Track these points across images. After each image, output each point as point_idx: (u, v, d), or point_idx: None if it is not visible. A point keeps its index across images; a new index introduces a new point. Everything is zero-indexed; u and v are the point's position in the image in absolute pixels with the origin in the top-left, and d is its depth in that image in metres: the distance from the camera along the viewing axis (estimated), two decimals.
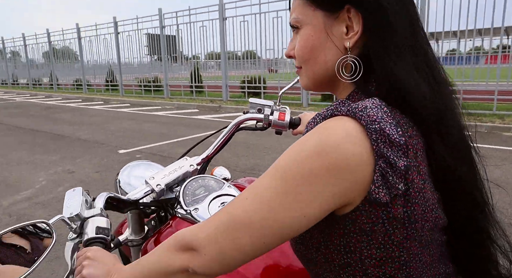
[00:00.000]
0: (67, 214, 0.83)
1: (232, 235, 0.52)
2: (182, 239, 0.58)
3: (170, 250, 0.60)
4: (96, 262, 0.72)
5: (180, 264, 0.58)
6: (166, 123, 8.55)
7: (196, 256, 0.56)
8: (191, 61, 12.89)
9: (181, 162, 1.19)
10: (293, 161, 0.50)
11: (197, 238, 0.56)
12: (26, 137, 7.30)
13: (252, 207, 0.51)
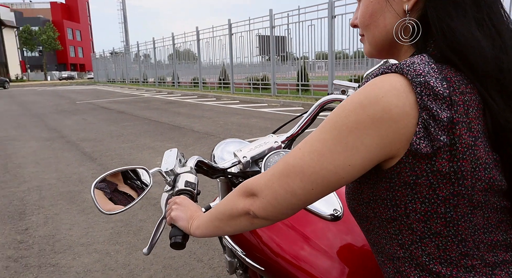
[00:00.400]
0: (163, 168, 1.00)
1: (285, 180, 0.60)
2: (246, 185, 0.68)
3: (236, 195, 0.70)
4: (182, 207, 0.87)
5: (242, 207, 0.67)
6: (271, 119, 8.86)
7: (256, 199, 0.65)
8: (299, 61, 13.04)
9: (267, 138, 1.30)
10: (341, 114, 0.56)
11: (257, 184, 0.65)
12: (149, 127, 8.34)
13: (303, 156, 0.58)
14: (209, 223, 0.77)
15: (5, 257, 2.66)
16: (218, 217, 0.74)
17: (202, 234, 0.80)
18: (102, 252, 2.69)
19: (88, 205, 3.61)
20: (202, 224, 0.79)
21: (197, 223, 0.81)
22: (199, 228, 0.80)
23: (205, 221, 0.78)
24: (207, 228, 0.78)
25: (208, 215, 0.78)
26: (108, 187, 0.99)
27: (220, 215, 0.73)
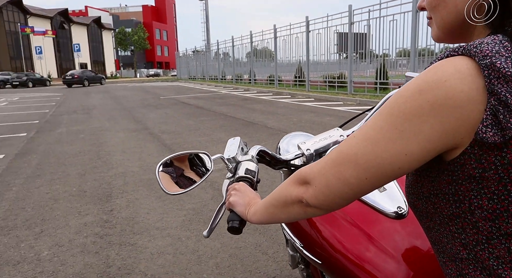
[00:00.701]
0: (226, 155, 1.03)
1: (337, 169, 0.58)
2: (300, 173, 0.67)
3: (290, 183, 0.69)
4: (241, 193, 0.89)
5: (296, 195, 0.67)
6: (345, 117, 8.62)
7: (308, 188, 0.63)
8: (379, 59, 12.46)
9: (332, 131, 1.27)
10: (398, 100, 0.52)
11: (310, 172, 0.63)
12: (225, 122, 8.64)
13: (357, 143, 0.55)
14: (264, 210, 0.77)
15: (93, 233, 2.96)
16: (273, 203, 0.74)
17: (258, 220, 0.81)
18: (174, 237, 2.86)
19: (164, 193, 3.85)
20: (258, 210, 0.80)
21: (254, 209, 0.82)
22: (255, 214, 0.81)
23: (261, 208, 0.79)
24: (262, 214, 0.78)
25: (264, 201, 0.78)
26: (175, 171, 1.05)
27: (275, 201, 0.73)
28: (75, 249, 2.72)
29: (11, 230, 3.09)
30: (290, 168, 1.23)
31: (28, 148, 6.47)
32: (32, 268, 2.47)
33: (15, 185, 4.32)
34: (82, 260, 2.55)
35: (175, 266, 2.45)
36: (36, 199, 3.81)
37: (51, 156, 5.78)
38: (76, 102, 15.87)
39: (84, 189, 4.07)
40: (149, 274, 2.36)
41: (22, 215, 3.41)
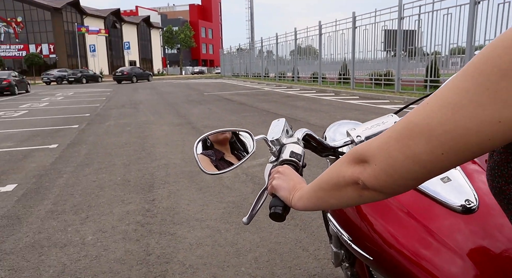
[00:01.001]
0: (269, 137, 0.95)
1: (405, 142, 0.48)
2: (356, 150, 0.57)
3: (344, 162, 0.60)
4: (285, 176, 0.81)
5: (350, 175, 0.57)
6: None
7: (366, 167, 0.54)
8: (429, 57, 11.82)
9: (386, 117, 1.16)
10: (490, 53, 0.41)
11: (369, 148, 0.54)
12: (267, 118, 8.58)
13: (432, 111, 0.45)
14: (312, 194, 0.69)
15: (135, 221, 3.01)
16: (322, 186, 0.65)
17: (304, 206, 0.72)
18: (214, 229, 2.83)
19: (205, 185, 3.87)
20: (305, 195, 0.71)
21: (300, 194, 0.74)
22: (301, 199, 0.73)
23: (308, 192, 0.70)
24: (309, 199, 0.70)
25: (312, 185, 0.70)
26: (214, 155, 0.99)
27: (324, 184, 0.64)
28: (117, 235, 2.77)
29: (60, 214, 3.22)
30: (338, 156, 1.13)
31: (79, 139, 6.79)
32: (77, 251, 2.55)
33: (65, 173, 4.52)
34: (124, 246, 2.59)
35: (213, 257, 2.42)
36: (84, 186, 3.96)
37: (99, 147, 6.01)
38: (125, 98, 16.52)
39: (128, 179, 4.18)
40: (187, 264, 2.35)
41: (71, 200, 3.55)
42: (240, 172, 4.26)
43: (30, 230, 2.90)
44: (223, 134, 1.00)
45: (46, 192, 3.81)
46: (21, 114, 11.19)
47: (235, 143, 1.03)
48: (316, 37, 18.36)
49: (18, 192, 3.84)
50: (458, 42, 10.61)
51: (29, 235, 2.82)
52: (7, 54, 49.48)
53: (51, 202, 3.51)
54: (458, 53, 11.27)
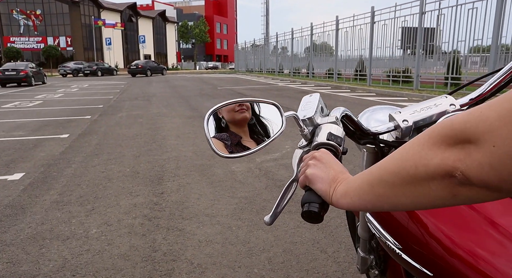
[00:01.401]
0: (301, 115, 0.76)
1: None
2: (450, 125, 0.38)
3: (423, 145, 0.40)
4: (323, 164, 0.61)
5: (440, 163, 0.37)
6: None
7: (473, 150, 0.34)
8: (449, 55, 11.40)
9: (438, 99, 0.95)
10: None
11: (477, 121, 0.34)
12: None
13: None
14: (366, 189, 0.49)
15: (142, 215, 2.85)
16: (385, 179, 0.45)
17: (351, 204, 0.53)
18: (225, 225, 2.66)
19: (216, 179, 3.70)
20: (354, 190, 0.52)
21: (344, 187, 0.55)
22: (347, 195, 0.53)
23: (359, 186, 0.51)
24: (361, 196, 0.50)
25: (366, 177, 0.50)
26: (230, 139, 0.79)
27: (390, 176, 0.44)
28: (123, 229, 2.61)
29: (65, 205, 3.08)
30: (379, 144, 0.93)
31: (91, 129, 6.69)
32: (79, 245, 2.40)
33: (74, 162, 4.41)
34: (129, 241, 2.44)
35: (223, 256, 2.24)
36: (92, 177, 3.83)
37: (110, 137, 5.90)
38: (138, 90, 16.48)
39: (137, 170, 4.03)
40: (196, 263, 2.17)
41: (77, 191, 3.41)
42: (254, 167, 4.07)
43: (33, 221, 2.77)
44: (241, 112, 0.80)
45: (53, 182, 3.69)
46: (35, 105, 11.20)
47: (255, 125, 0.83)
48: (333, 32, 17.98)
49: (25, 181, 3.73)
50: (483, 39, 10.17)
51: (32, 226, 2.69)
52: (26, 46, 50.23)
53: (57, 192, 3.39)
54: (479, 51, 10.83)
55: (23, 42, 50.09)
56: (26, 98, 13.52)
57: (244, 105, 0.79)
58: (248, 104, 0.80)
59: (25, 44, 50.20)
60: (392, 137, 0.95)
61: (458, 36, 10.87)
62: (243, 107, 0.79)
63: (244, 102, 0.75)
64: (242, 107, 0.79)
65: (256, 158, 4.45)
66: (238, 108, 0.78)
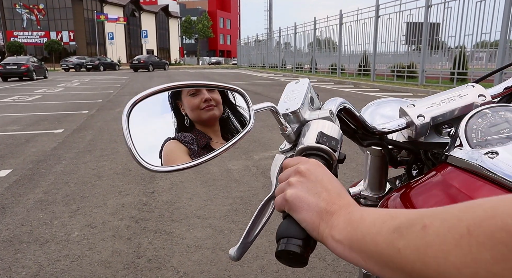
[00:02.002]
0: (281, 109, 0.56)
1: None
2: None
3: None
4: (311, 182, 0.41)
5: None
6: None
7: None
8: (455, 50, 11.12)
9: (463, 88, 0.75)
10: None
11: None
12: None
13: None
14: (387, 238, 0.30)
15: (129, 216, 2.67)
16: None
17: (352, 256, 0.34)
18: (216, 229, 2.47)
19: (211, 177, 3.51)
20: (361, 232, 0.33)
21: (344, 223, 0.35)
22: (347, 238, 0.34)
23: (373, 228, 0.32)
24: (374, 247, 0.31)
25: (388, 217, 0.31)
26: (196, 141, 0.58)
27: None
28: (107, 232, 2.43)
29: (49, 204, 2.91)
30: (387, 146, 0.73)
31: (86, 124, 6.52)
32: (58, 249, 2.22)
33: (65, 159, 4.23)
34: (112, 246, 2.25)
35: (212, 264, 2.05)
36: (81, 175, 3.65)
37: (105, 133, 5.72)
38: (139, 85, 16.30)
39: (129, 168, 3.85)
40: (182, 271, 1.99)
41: (64, 190, 3.24)
42: (251, 164, 3.88)
43: (13, 222, 2.59)
44: (209, 110, 0.58)
45: (40, 179, 3.51)
46: (34, 99, 11.05)
47: (229, 121, 0.63)
48: (336, 27, 17.69)
49: (11, 178, 3.56)
50: (491, 33, 9.87)
51: (10, 227, 2.51)
52: (29, 40, 50.15)
53: (42, 191, 3.21)
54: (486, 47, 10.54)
55: (26, 37, 49.99)
56: (26, 92, 13.37)
57: (212, 100, 0.58)
58: (218, 97, 0.58)
59: (28, 38, 50.10)
60: (404, 137, 0.76)
61: (465, 30, 10.59)
62: (211, 102, 0.58)
63: (200, 88, 0.55)
64: (210, 103, 0.57)
65: (254, 155, 4.25)
66: (204, 106, 0.57)
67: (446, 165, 0.62)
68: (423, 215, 0.29)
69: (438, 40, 11.98)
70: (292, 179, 0.43)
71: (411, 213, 0.30)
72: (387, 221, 0.31)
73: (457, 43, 11.01)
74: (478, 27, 10.01)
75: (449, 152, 0.63)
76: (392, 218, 0.31)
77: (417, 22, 12.32)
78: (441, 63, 12.43)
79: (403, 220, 0.30)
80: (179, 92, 0.56)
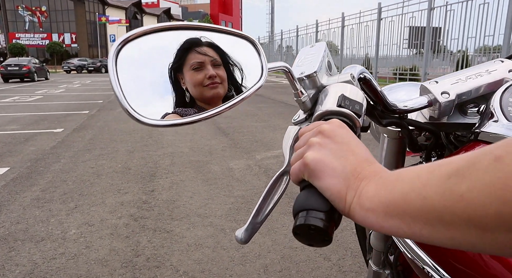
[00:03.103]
0: (297, 72, 0.50)
1: None
2: None
3: None
4: (336, 144, 0.34)
5: None
6: None
7: None
8: (457, 55, 11.06)
9: (491, 64, 0.69)
10: None
11: None
12: (284, 109, 8.11)
13: None
14: (433, 198, 0.24)
15: (128, 215, 2.60)
16: None
17: (389, 224, 0.27)
18: (217, 227, 2.40)
19: (212, 176, 3.44)
20: (397, 197, 0.27)
21: (375, 189, 0.29)
22: (380, 205, 0.28)
23: (413, 190, 0.26)
24: (416, 211, 0.25)
25: (431, 171, 0.25)
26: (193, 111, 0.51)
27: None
28: (105, 230, 2.36)
29: (46, 202, 2.84)
30: (407, 126, 0.66)
31: (87, 124, 6.46)
32: (54, 247, 2.15)
33: (64, 157, 4.17)
34: (109, 244, 2.18)
35: (213, 263, 1.98)
36: (80, 173, 3.58)
37: (105, 132, 5.66)
38: None
39: (129, 166, 3.78)
40: (181, 270, 1.92)
41: (62, 188, 3.17)
42: (253, 164, 3.81)
43: (8, 220, 2.53)
44: (213, 88, 0.50)
45: (38, 177, 3.45)
46: (35, 99, 11.00)
47: (230, 90, 0.55)
48: (338, 30, 17.66)
49: (8, 176, 3.50)
50: (494, 36, 9.81)
51: (5, 225, 2.44)
52: (31, 42, 50.26)
53: (40, 189, 3.14)
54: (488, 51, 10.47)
55: (28, 39, 50.11)
56: (27, 93, 13.33)
57: (218, 77, 0.50)
58: (224, 74, 0.50)
59: (30, 40, 50.21)
60: (424, 117, 0.69)
61: (468, 32, 10.53)
62: (216, 80, 0.50)
63: (204, 63, 0.47)
64: (214, 80, 0.49)
65: (256, 154, 4.19)
66: (208, 82, 0.49)
67: (478, 142, 0.56)
68: (486, 151, 0.22)
69: (440, 43, 11.92)
70: (313, 139, 0.36)
71: (466, 155, 0.24)
72: (435, 170, 0.25)
73: (459, 46, 10.95)
74: (481, 29, 9.96)
75: (480, 129, 0.56)
76: (441, 166, 0.25)
77: (420, 27, 12.27)
78: (443, 67, 12.37)
79: (460, 162, 0.24)
80: (180, 65, 0.49)
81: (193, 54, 0.48)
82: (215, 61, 0.49)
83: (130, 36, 0.40)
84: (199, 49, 0.48)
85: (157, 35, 0.43)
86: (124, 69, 0.40)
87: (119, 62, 0.39)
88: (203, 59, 0.48)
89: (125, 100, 0.40)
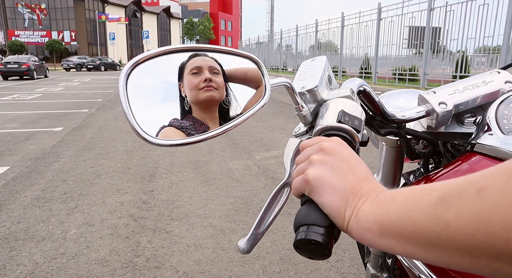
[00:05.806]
0: (297, 87, 0.51)
1: None
2: None
3: None
4: (337, 161, 0.36)
5: None
6: None
7: None
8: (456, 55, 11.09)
9: (488, 75, 0.70)
10: None
11: None
12: (283, 109, 8.12)
13: None
14: (423, 223, 0.25)
15: (128, 215, 2.62)
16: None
17: (385, 242, 0.29)
18: (217, 228, 2.41)
19: (211, 177, 3.45)
20: (392, 216, 0.28)
21: (372, 207, 0.31)
22: (376, 224, 0.29)
23: (406, 211, 0.27)
24: (409, 232, 0.26)
25: (426, 194, 0.26)
26: (195, 128, 0.52)
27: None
28: (105, 230, 2.38)
29: (47, 202, 2.85)
30: (405, 136, 0.68)
31: (86, 123, 6.47)
32: (55, 247, 2.16)
33: (64, 157, 4.18)
34: (110, 244, 2.20)
35: (213, 264, 2.00)
36: (80, 172, 3.59)
37: (105, 131, 5.67)
38: None
39: (128, 166, 3.80)
40: (181, 271, 1.93)
41: (62, 187, 3.18)
42: (252, 164, 3.83)
43: (9, 219, 2.54)
44: (207, 90, 0.51)
45: (38, 177, 3.46)
46: (34, 98, 11.00)
47: (228, 103, 0.56)
48: (338, 29, 17.67)
49: (8, 175, 3.51)
50: (494, 37, 9.84)
51: (6, 224, 2.46)
52: (31, 40, 50.17)
53: (40, 188, 3.16)
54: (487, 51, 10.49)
55: (27, 36, 50.01)
56: (26, 91, 13.32)
57: (213, 82, 0.51)
58: (221, 81, 0.51)
59: (29, 38, 50.11)
60: (422, 127, 0.71)
61: (467, 33, 10.55)
62: (211, 83, 0.51)
63: (200, 54, 0.49)
64: (209, 83, 0.50)
65: (255, 155, 4.20)
66: (203, 85, 0.50)
67: (473, 154, 0.57)
68: (471, 180, 0.24)
69: (440, 44, 11.95)
70: (314, 157, 0.37)
71: (453, 182, 0.25)
72: (425, 195, 0.26)
73: (459, 47, 10.97)
74: (481, 30, 9.98)
75: (476, 140, 0.58)
76: (430, 191, 0.26)
77: (420, 27, 12.29)
78: (442, 67, 12.40)
79: (447, 190, 0.25)
80: (181, 73, 0.50)
81: (193, 60, 0.49)
82: (214, 68, 0.50)
83: (140, 59, 0.42)
84: (199, 55, 0.49)
85: (165, 57, 0.44)
86: (133, 91, 0.41)
87: (129, 84, 0.41)
88: (202, 65, 0.49)
89: (135, 121, 0.41)
